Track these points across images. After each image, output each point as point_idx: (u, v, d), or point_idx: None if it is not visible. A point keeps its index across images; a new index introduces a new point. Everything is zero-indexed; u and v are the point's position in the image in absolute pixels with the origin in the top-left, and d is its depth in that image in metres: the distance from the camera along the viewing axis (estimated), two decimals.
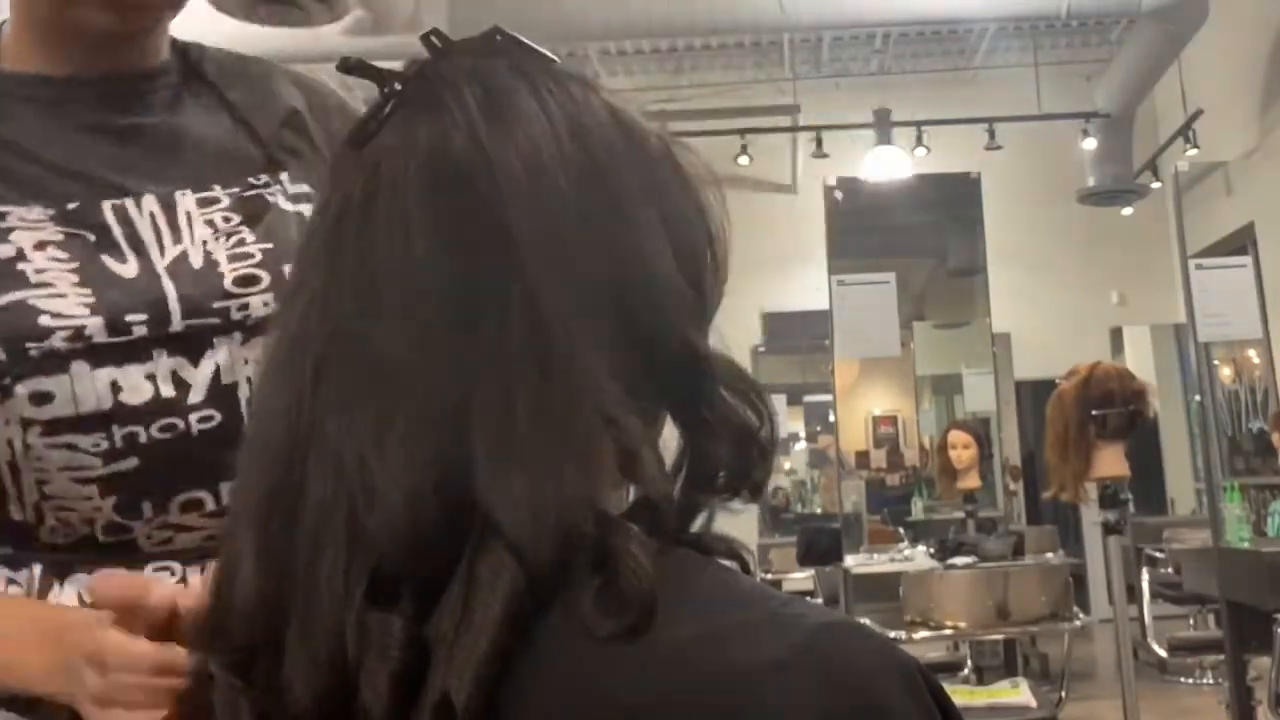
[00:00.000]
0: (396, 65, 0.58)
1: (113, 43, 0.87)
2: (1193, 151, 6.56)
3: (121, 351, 0.79)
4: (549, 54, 0.57)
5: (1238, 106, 6.70)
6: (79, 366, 0.77)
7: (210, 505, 0.81)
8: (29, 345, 0.76)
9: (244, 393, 0.83)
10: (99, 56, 0.87)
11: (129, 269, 0.82)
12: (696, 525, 0.52)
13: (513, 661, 0.45)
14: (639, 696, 0.44)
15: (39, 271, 0.79)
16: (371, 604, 0.46)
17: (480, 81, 0.54)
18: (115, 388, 0.78)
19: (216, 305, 0.83)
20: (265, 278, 0.85)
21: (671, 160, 0.57)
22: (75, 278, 0.80)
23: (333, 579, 0.47)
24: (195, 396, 0.81)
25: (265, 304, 0.84)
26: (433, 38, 0.57)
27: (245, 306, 0.83)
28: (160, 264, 0.82)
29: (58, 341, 0.77)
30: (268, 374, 0.54)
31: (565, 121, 0.53)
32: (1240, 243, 6.21)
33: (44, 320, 0.77)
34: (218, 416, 0.81)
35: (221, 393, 0.82)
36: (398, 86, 0.55)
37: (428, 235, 0.51)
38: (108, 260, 0.81)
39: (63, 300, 0.78)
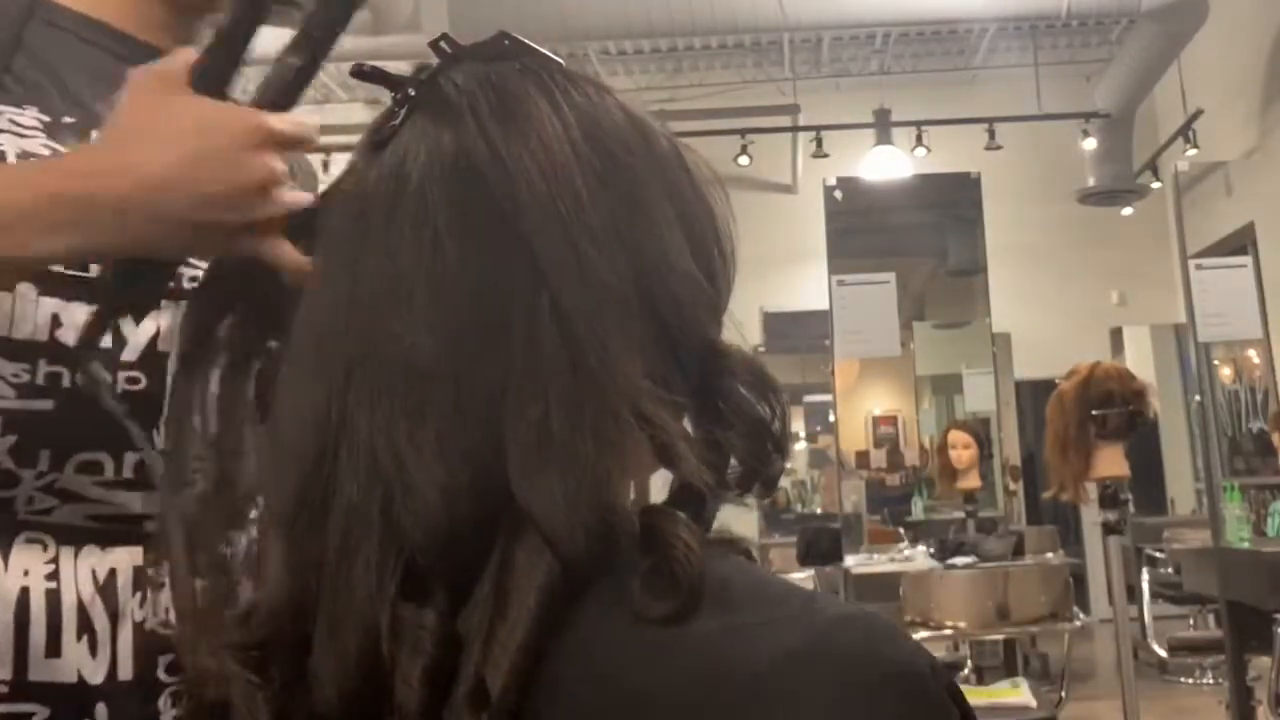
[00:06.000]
0: (397, 64, 0.59)
1: (189, 11, 0.88)
2: (1193, 151, 6.56)
3: (73, 287, 0.75)
4: (556, 58, 0.57)
5: (1238, 106, 6.70)
6: (25, 288, 0.74)
7: (109, 471, 0.78)
8: None
9: (172, 364, 0.78)
10: (172, 26, 0.86)
11: None
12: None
13: (547, 650, 0.45)
14: (665, 687, 0.44)
15: None
16: (404, 599, 0.46)
17: (494, 86, 0.54)
18: (56, 322, 0.75)
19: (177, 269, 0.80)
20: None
21: (683, 162, 0.58)
22: None
23: (366, 575, 0.47)
24: (128, 355, 0.78)
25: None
26: (442, 43, 0.57)
27: (195, 278, 0.80)
28: None
29: None
30: (293, 372, 0.54)
31: (580, 123, 0.54)
32: (1240, 243, 6.21)
33: None
34: (143, 381, 0.79)
35: (153, 358, 0.79)
36: (411, 92, 0.56)
37: (454, 239, 0.51)
38: None
39: None
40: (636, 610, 0.45)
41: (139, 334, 0.79)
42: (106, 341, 0.78)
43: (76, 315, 0.77)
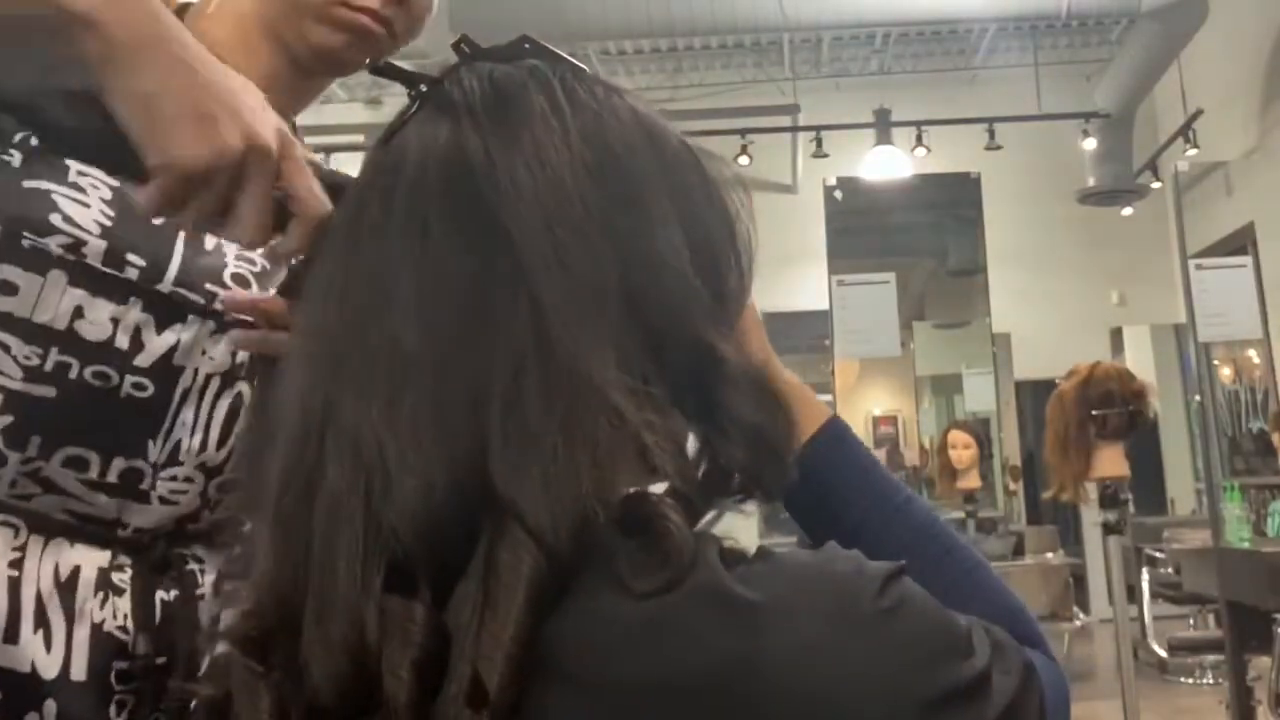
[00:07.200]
0: (397, 64, 0.59)
1: (310, 74, 0.92)
2: (1193, 151, 6.56)
3: (103, 282, 0.77)
4: (575, 62, 0.58)
5: (1238, 106, 6.70)
6: (57, 275, 0.76)
7: (93, 470, 0.78)
8: (26, 234, 0.75)
9: (184, 381, 0.81)
10: (295, 88, 0.90)
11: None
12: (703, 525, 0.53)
13: (540, 640, 0.45)
14: (664, 662, 0.44)
15: (81, 174, 0.78)
16: (389, 591, 0.47)
17: (494, 84, 0.55)
18: (78, 313, 0.77)
19: (208, 286, 0.83)
20: (254, 288, 0.86)
21: (696, 164, 0.58)
22: (109, 195, 0.79)
23: (349, 564, 0.47)
24: (142, 360, 0.79)
25: None
26: (462, 45, 0.59)
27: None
28: None
29: (54, 244, 0.75)
30: (290, 360, 0.55)
31: (579, 121, 0.54)
32: (1240, 243, 6.21)
33: (54, 218, 0.76)
34: (150, 389, 0.79)
35: (165, 369, 0.80)
36: (424, 89, 0.57)
37: (441, 232, 0.52)
38: None
39: (83, 209, 0.77)
40: (627, 588, 0.45)
41: (156, 342, 0.80)
42: (123, 343, 0.79)
43: (100, 312, 0.78)
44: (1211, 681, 4.95)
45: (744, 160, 7.05)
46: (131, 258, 0.79)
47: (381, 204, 0.54)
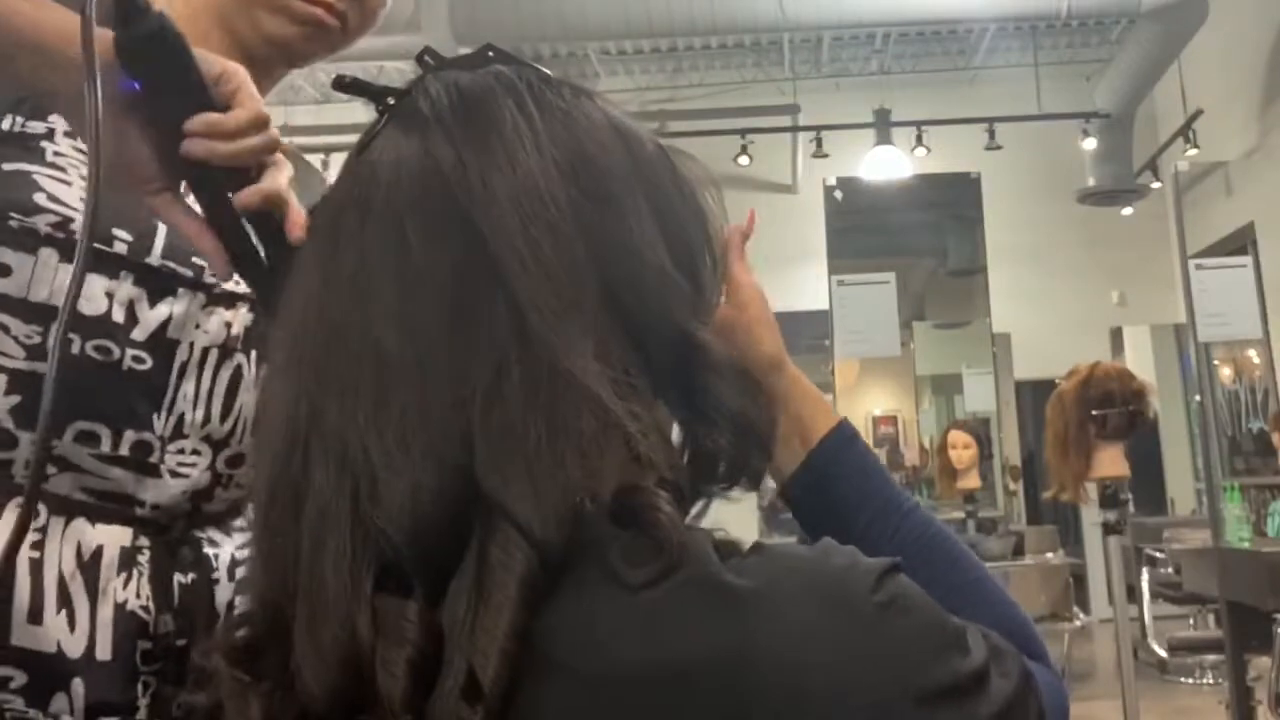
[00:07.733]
0: (397, 65, 0.60)
1: (265, 65, 0.92)
2: (1193, 151, 6.56)
3: (94, 258, 0.78)
4: (541, 68, 0.59)
5: (1238, 106, 6.70)
6: (48, 254, 0.77)
7: (105, 444, 0.79)
8: (13, 215, 0.76)
9: (180, 355, 0.82)
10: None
11: None
12: (695, 515, 0.53)
13: (534, 634, 0.45)
14: (655, 660, 0.44)
15: (58, 154, 0.79)
16: (382, 592, 0.47)
17: (461, 92, 0.56)
18: None
19: (195, 260, 0.83)
20: None
21: (668, 163, 0.59)
22: (88, 172, 0.80)
23: (338, 568, 0.47)
24: (138, 334, 0.80)
25: (236, 281, 0.84)
26: (426, 57, 0.60)
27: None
28: None
29: (41, 223, 0.76)
30: (270, 368, 0.55)
31: (548, 124, 0.55)
32: (1240, 243, 6.22)
33: (38, 198, 0.77)
34: (148, 362, 0.80)
35: (160, 342, 0.81)
36: (391, 101, 0.58)
37: (420, 237, 0.52)
38: None
39: (66, 188, 0.78)
40: (620, 579, 0.46)
41: (150, 316, 0.81)
42: (119, 316, 0.79)
43: (95, 287, 0.78)
44: (1211, 681, 4.95)
45: (744, 160, 7.05)
46: (118, 232, 0.80)
47: (358, 213, 0.54)
